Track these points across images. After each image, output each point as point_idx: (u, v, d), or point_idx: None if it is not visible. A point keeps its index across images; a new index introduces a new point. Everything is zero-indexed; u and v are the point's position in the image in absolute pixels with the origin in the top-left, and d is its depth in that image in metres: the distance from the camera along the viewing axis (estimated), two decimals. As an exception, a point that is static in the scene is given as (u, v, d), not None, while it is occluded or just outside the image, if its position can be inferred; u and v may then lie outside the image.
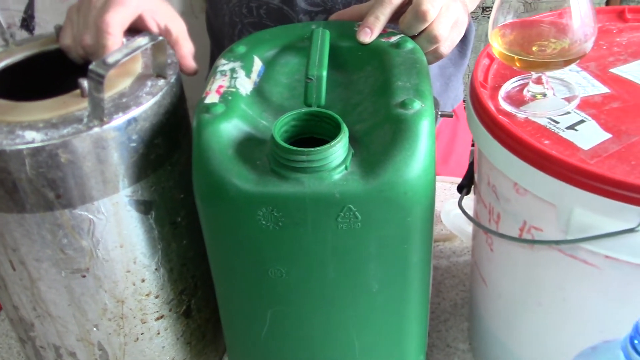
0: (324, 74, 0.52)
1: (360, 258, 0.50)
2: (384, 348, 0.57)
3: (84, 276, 0.55)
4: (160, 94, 0.53)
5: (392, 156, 0.47)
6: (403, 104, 0.49)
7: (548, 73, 0.54)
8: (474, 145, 0.59)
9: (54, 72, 0.61)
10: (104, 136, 0.49)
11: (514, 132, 0.49)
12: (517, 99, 0.54)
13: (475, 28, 0.98)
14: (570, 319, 0.53)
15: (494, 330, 0.63)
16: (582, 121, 0.51)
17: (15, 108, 0.51)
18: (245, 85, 0.54)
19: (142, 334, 0.60)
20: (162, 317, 0.60)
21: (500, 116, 0.52)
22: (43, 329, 0.59)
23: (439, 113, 0.74)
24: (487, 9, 1.82)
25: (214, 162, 0.48)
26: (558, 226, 0.48)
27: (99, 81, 0.48)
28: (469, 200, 0.63)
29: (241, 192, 0.47)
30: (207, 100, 0.51)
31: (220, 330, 0.61)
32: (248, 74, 0.55)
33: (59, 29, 0.61)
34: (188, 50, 0.61)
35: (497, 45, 0.52)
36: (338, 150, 0.47)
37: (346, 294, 0.52)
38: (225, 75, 0.54)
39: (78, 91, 0.52)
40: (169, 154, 0.55)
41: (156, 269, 0.57)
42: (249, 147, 0.49)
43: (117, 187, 0.52)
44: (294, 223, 0.48)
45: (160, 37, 0.52)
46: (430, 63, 0.60)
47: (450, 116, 0.74)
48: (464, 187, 0.64)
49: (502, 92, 0.55)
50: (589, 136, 0.49)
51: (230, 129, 0.50)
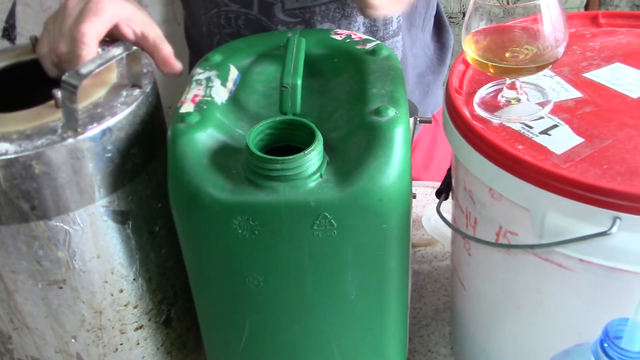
0: (299, 82, 0.52)
1: (337, 265, 0.50)
2: (364, 354, 0.57)
3: (61, 287, 0.54)
4: (136, 103, 0.53)
5: (367, 163, 0.47)
6: (377, 112, 0.49)
7: (522, 78, 0.54)
8: (452, 150, 0.59)
9: (29, 83, 0.61)
10: (79, 147, 0.49)
11: (488, 138, 0.49)
12: (491, 105, 0.55)
13: (456, 34, 0.99)
14: (548, 322, 0.54)
15: (474, 334, 0.63)
16: (555, 126, 0.51)
17: (-12, 120, 0.51)
18: (220, 94, 0.54)
19: (121, 344, 0.60)
20: (141, 327, 0.60)
21: (475, 122, 0.52)
22: (21, 341, 0.58)
23: (418, 119, 0.75)
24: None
25: (189, 172, 0.48)
26: (532, 230, 0.48)
27: (72, 92, 0.48)
28: (450, 206, 0.64)
29: (216, 201, 0.47)
30: (182, 110, 0.51)
31: (201, 339, 0.61)
32: (224, 82, 0.55)
33: (34, 40, 0.61)
34: (168, 51, 0.61)
35: (471, 51, 0.53)
36: (313, 159, 0.47)
37: (324, 302, 0.52)
38: (201, 84, 0.54)
39: (52, 102, 0.52)
40: (146, 164, 0.55)
41: (134, 279, 0.57)
42: (225, 156, 0.49)
43: (93, 198, 0.52)
44: (270, 231, 0.48)
45: (135, 47, 0.52)
46: (366, 15, 0.60)
47: (429, 122, 0.75)
48: (443, 193, 0.65)
49: (476, 98, 0.55)
50: (562, 141, 0.50)
51: (205, 138, 0.50)
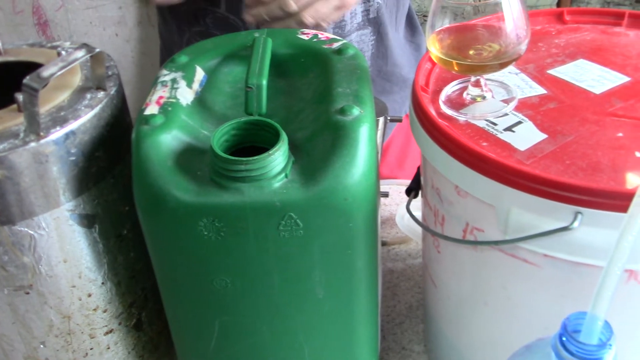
0: (264, 82, 0.52)
1: (304, 265, 0.50)
2: (334, 353, 0.57)
3: (28, 293, 0.54)
4: (100, 106, 0.52)
5: (332, 163, 0.47)
6: (342, 111, 0.50)
7: (486, 76, 0.55)
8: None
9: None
10: (42, 151, 0.49)
11: (452, 135, 0.49)
12: (457, 102, 0.55)
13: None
14: (515, 318, 0.54)
15: (445, 331, 0.64)
16: (519, 122, 0.52)
17: (-51, 125, 0.50)
18: (186, 95, 0.54)
19: (91, 349, 0.59)
20: (111, 331, 0.60)
21: (440, 120, 0.52)
22: (-12, 348, 0.58)
23: (388, 118, 0.75)
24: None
25: (154, 174, 0.48)
26: (497, 227, 0.49)
27: (33, 95, 0.47)
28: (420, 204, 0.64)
29: (181, 204, 0.47)
30: (147, 112, 0.51)
31: (173, 341, 0.61)
32: (189, 83, 0.55)
33: None
34: None
35: (435, 50, 0.53)
36: (277, 159, 0.47)
37: (292, 302, 0.52)
38: (166, 86, 0.54)
39: (15, 106, 0.51)
40: (111, 167, 0.54)
41: (103, 283, 0.57)
42: (190, 158, 0.49)
43: (57, 202, 0.51)
44: (236, 233, 0.48)
45: (97, 49, 0.52)
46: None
47: (399, 121, 0.75)
48: (412, 191, 0.65)
49: (442, 96, 0.56)
50: (526, 137, 0.50)
51: (170, 140, 0.49)
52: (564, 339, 0.35)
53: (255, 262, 0.49)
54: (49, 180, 0.50)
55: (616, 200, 0.43)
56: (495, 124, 0.52)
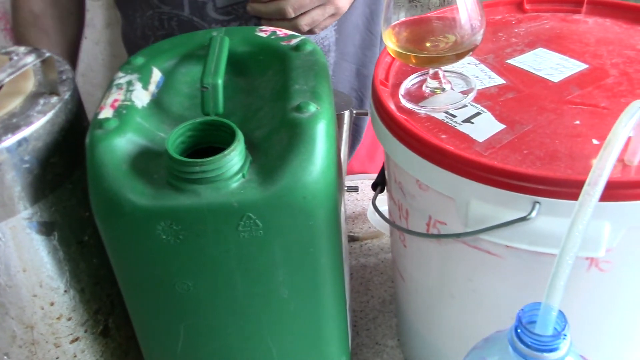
0: (220, 81, 0.51)
1: (266, 266, 0.49)
2: (303, 352, 0.56)
3: (-12, 304, 0.53)
4: (53, 112, 0.51)
5: (289, 161, 0.47)
6: (298, 108, 0.49)
7: (445, 67, 0.54)
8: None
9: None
10: (-6, 159, 0.48)
11: (410, 129, 0.49)
12: (416, 95, 0.55)
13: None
14: (481, 309, 0.54)
15: (415, 324, 0.63)
16: (478, 113, 0.52)
17: None
18: (141, 97, 0.53)
19: (57, 358, 0.58)
20: (77, 339, 0.59)
21: (400, 113, 0.52)
22: (-49, 362, 0.57)
23: (354, 112, 0.75)
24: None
25: (109, 179, 0.47)
26: (459, 219, 0.49)
27: (-19, 103, 0.46)
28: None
29: (137, 208, 0.46)
30: (101, 116, 0.50)
31: (143, 347, 0.60)
32: (145, 85, 0.54)
33: None
34: None
35: (392, 44, 0.52)
36: (233, 159, 0.46)
37: (257, 303, 0.52)
38: (121, 89, 0.53)
39: (-35, 114, 0.50)
40: (69, 173, 0.53)
41: (65, 291, 0.56)
42: (146, 161, 0.48)
43: (13, 210, 0.50)
44: (195, 235, 0.47)
45: (48, 54, 0.51)
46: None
47: (365, 114, 0.75)
48: (378, 185, 0.65)
49: (402, 90, 0.55)
50: (484, 128, 0.50)
51: (125, 143, 0.49)
52: (519, 330, 0.35)
53: (216, 264, 0.49)
54: (3, 189, 0.49)
55: (573, 189, 0.42)
56: (454, 116, 0.52)
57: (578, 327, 0.51)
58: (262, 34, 0.60)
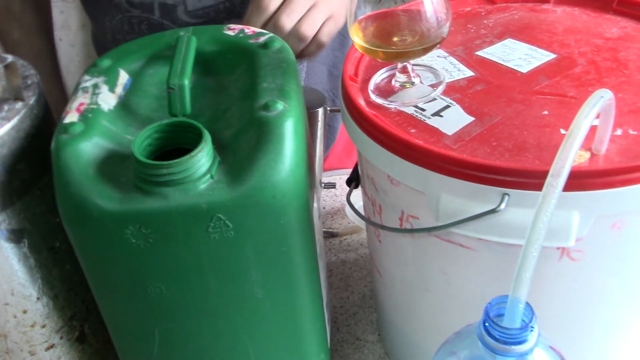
0: (186, 82, 0.50)
1: (238, 266, 0.49)
2: (280, 352, 0.56)
3: (-42, 315, 0.52)
4: (18, 117, 0.50)
5: (257, 160, 0.46)
6: (266, 106, 0.49)
7: (413, 61, 0.54)
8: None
9: None
10: (-42, 168, 0.47)
11: (378, 124, 0.49)
12: (386, 90, 0.54)
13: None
14: (456, 302, 0.54)
15: (394, 319, 0.63)
16: (447, 106, 0.52)
17: None
18: (108, 100, 0.52)
19: (32, 366, 0.58)
20: (52, 346, 0.58)
21: (369, 109, 0.52)
22: None
23: (328, 109, 0.74)
24: None
25: (75, 184, 0.46)
26: (430, 213, 0.48)
27: (-59, 111, 0.45)
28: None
29: (105, 212, 0.46)
30: (66, 120, 0.49)
31: (120, 351, 0.60)
32: (112, 88, 0.54)
33: None
34: None
35: (359, 39, 0.52)
36: (201, 160, 0.46)
37: (231, 304, 0.51)
38: (87, 92, 0.53)
39: None
40: (36, 179, 0.53)
41: (38, 298, 0.55)
42: (113, 165, 0.48)
43: (-20, 219, 0.50)
44: (164, 238, 0.47)
45: (10, 59, 0.50)
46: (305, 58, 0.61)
47: (338, 111, 0.74)
48: (353, 181, 0.64)
49: (371, 85, 0.55)
50: (454, 121, 0.50)
51: (91, 147, 0.48)
52: (487, 324, 0.35)
53: (188, 267, 0.49)
54: (-31, 198, 0.48)
55: (541, 180, 0.42)
56: (423, 110, 0.52)
57: (552, 318, 0.51)
58: (230, 33, 0.59)
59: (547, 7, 0.63)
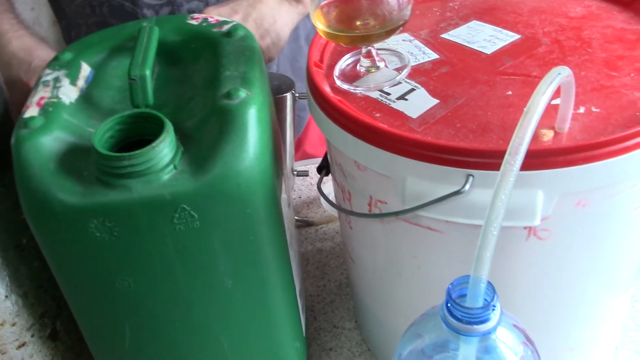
0: (148, 72, 0.50)
1: (206, 257, 0.49)
2: (254, 341, 0.56)
3: None
4: (-23, 113, 0.50)
5: (220, 149, 0.46)
6: (228, 95, 0.48)
7: (377, 45, 0.54)
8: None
9: None
10: None
11: (343, 110, 0.49)
12: (351, 75, 0.54)
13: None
14: (428, 286, 0.54)
15: (368, 305, 0.63)
16: (412, 90, 0.51)
17: None
18: (69, 93, 0.51)
19: (4, 365, 0.57)
20: (24, 344, 0.57)
21: (334, 95, 0.51)
22: None
23: (296, 95, 0.74)
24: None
25: (36, 179, 0.46)
26: (397, 197, 0.48)
27: None
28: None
29: (67, 207, 0.45)
30: (26, 115, 0.49)
31: (95, 347, 0.59)
32: (73, 81, 0.53)
33: None
34: None
35: (321, 25, 0.52)
36: (163, 150, 0.45)
37: (201, 295, 0.51)
38: (48, 86, 0.52)
39: None
40: (-1, 176, 0.52)
41: (6, 296, 0.55)
42: (74, 158, 0.47)
43: (-58, 218, 0.49)
44: (129, 231, 0.46)
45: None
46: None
47: (306, 98, 0.74)
48: (323, 169, 0.64)
49: (336, 71, 0.55)
50: (418, 104, 0.50)
51: (51, 141, 0.47)
52: (449, 305, 0.35)
53: (154, 259, 0.48)
54: None
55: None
56: (388, 94, 0.51)
57: (521, 297, 0.51)
58: (194, 22, 0.58)
59: (512, -12, 0.63)
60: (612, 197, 0.46)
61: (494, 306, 0.35)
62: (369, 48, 0.53)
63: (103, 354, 0.56)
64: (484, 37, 0.56)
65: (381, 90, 0.52)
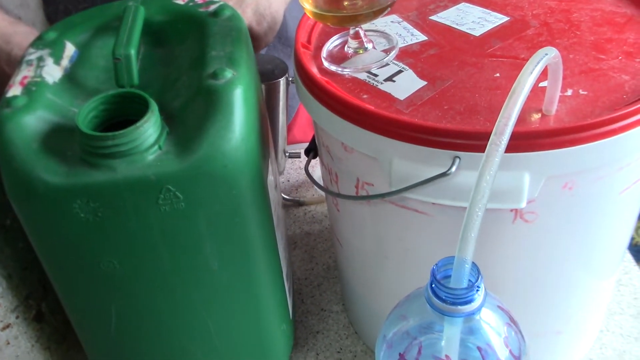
0: (132, 52, 0.49)
1: (191, 238, 0.48)
2: (240, 324, 0.56)
3: None
4: (-41, 92, 0.49)
5: (206, 130, 0.46)
6: (214, 75, 0.48)
7: (366, 26, 0.53)
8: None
9: None
10: None
11: (330, 91, 0.48)
12: (339, 57, 0.54)
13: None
14: (415, 268, 0.54)
15: (356, 288, 0.63)
16: (400, 71, 0.51)
17: None
18: (53, 73, 0.51)
19: (-12, 347, 0.57)
20: (8, 326, 0.57)
21: (321, 76, 0.51)
22: None
23: (290, 78, 0.73)
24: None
25: (19, 159, 0.45)
26: (384, 179, 0.48)
27: None
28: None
29: (51, 187, 0.45)
30: (9, 94, 0.48)
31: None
32: (57, 60, 0.52)
33: None
34: None
35: (308, 5, 0.51)
36: (147, 130, 0.45)
37: (186, 277, 0.51)
38: (31, 65, 0.51)
39: None
40: (-18, 156, 0.51)
41: (-10, 278, 0.54)
42: (58, 139, 0.47)
43: None
44: (114, 212, 0.46)
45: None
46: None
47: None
48: (311, 151, 0.64)
49: (324, 52, 0.54)
50: (406, 86, 0.49)
51: (34, 121, 0.47)
52: (434, 286, 0.35)
53: (139, 240, 0.48)
54: None
55: (490, 141, 0.42)
56: (376, 75, 0.51)
57: (508, 280, 0.51)
58: (180, 2, 0.58)
59: (502, -29, 0.63)
60: (599, 180, 0.46)
61: (478, 287, 0.35)
62: (356, 29, 0.53)
63: (89, 336, 0.56)
64: (472, 19, 0.56)
65: (369, 72, 0.51)
